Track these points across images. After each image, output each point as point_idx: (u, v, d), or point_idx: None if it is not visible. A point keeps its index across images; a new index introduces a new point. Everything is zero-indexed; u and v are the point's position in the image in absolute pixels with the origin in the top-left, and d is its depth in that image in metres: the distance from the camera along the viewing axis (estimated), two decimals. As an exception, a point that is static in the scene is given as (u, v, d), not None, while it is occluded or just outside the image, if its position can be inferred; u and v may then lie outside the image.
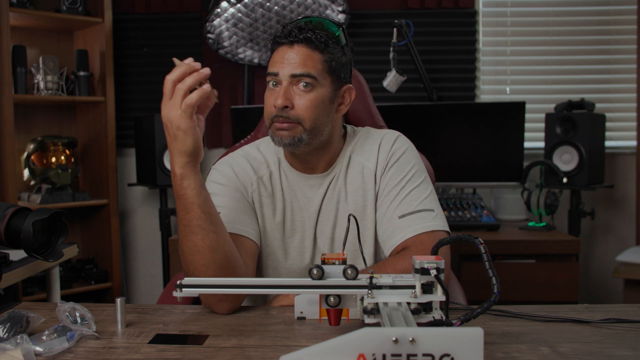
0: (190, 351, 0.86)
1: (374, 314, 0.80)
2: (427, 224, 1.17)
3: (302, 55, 1.16)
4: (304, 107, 1.16)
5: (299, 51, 1.16)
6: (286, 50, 1.16)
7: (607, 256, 2.99)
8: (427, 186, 1.24)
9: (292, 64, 1.15)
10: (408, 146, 1.28)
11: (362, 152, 1.27)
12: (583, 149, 2.59)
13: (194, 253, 1.03)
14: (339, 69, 1.20)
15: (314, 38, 1.16)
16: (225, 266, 1.04)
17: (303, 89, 1.16)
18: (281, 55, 1.17)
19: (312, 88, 1.16)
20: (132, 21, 3.10)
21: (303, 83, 1.15)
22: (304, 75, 1.15)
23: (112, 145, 2.91)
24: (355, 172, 1.26)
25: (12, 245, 0.99)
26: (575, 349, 0.85)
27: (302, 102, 1.16)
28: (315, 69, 1.16)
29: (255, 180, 1.26)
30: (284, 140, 1.17)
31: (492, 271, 0.82)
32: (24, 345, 0.82)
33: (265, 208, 1.25)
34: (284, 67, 1.16)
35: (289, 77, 1.15)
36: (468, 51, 3.03)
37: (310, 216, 1.25)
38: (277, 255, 1.26)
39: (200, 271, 1.03)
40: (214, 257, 1.03)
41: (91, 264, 2.97)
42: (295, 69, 1.15)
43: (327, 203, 1.26)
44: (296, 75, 1.15)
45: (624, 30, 3.01)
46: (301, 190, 1.26)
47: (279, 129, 1.17)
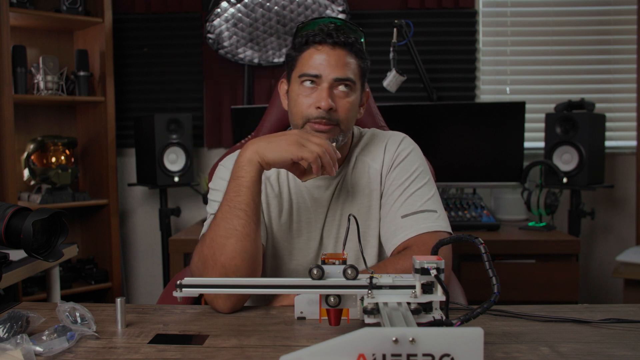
0: (190, 351, 0.86)
1: (374, 314, 0.80)
2: (429, 224, 1.17)
3: (344, 59, 1.17)
4: (344, 110, 1.17)
5: (340, 54, 1.17)
6: (327, 52, 1.16)
7: (607, 256, 2.99)
8: (431, 187, 1.24)
9: (334, 66, 1.16)
10: (413, 147, 1.29)
11: (368, 152, 1.29)
12: (583, 149, 2.59)
13: (230, 237, 1.03)
14: (365, 73, 1.23)
15: (353, 42, 1.18)
16: (252, 259, 1.05)
17: (342, 92, 1.17)
18: (321, 57, 1.16)
19: (349, 92, 1.18)
20: (132, 21, 3.11)
21: (343, 86, 1.17)
22: (346, 79, 1.16)
23: (112, 145, 2.92)
24: (361, 172, 1.27)
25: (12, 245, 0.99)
26: (575, 349, 0.85)
27: (342, 105, 1.17)
28: (353, 73, 1.18)
29: (263, 179, 1.25)
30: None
31: (492, 271, 0.82)
32: (24, 345, 0.82)
33: (272, 208, 1.25)
34: (326, 69, 1.16)
35: (331, 80, 1.16)
36: (468, 51, 3.03)
37: (317, 217, 1.26)
38: (281, 255, 1.26)
39: (229, 257, 1.03)
40: (246, 246, 1.04)
41: (91, 264, 2.97)
42: (338, 72, 1.16)
43: (334, 204, 1.26)
44: (339, 79, 1.16)
45: (624, 30, 3.01)
46: (308, 191, 1.26)
47: (319, 130, 1.17)
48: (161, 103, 3.13)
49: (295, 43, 1.21)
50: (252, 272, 1.07)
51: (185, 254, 2.49)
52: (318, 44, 1.17)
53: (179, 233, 2.78)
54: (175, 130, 2.80)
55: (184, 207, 3.09)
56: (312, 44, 1.18)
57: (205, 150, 3.16)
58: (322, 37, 1.16)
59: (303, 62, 1.18)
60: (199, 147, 3.14)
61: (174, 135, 2.79)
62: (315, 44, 1.17)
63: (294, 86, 1.21)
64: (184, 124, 2.80)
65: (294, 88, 1.21)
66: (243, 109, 2.76)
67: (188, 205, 3.14)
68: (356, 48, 1.19)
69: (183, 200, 3.14)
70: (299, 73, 1.19)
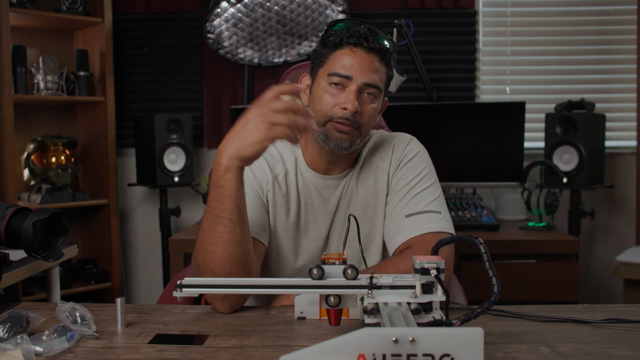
0: (190, 351, 0.86)
1: (374, 314, 0.80)
2: (432, 224, 1.17)
3: (375, 65, 1.16)
4: (368, 115, 1.18)
5: (373, 60, 1.16)
6: (361, 55, 1.15)
7: (607, 256, 2.99)
8: (436, 189, 1.25)
9: (366, 71, 1.15)
10: (420, 149, 1.30)
11: (376, 153, 1.29)
12: (583, 149, 2.59)
13: (217, 244, 1.02)
14: (388, 83, 1.23)
15: (386, 50, 1.17)
16: (242, 263, 1.04)
17: (368, 97, 1.17)
18: (354, 59, 1.15)
19: (374, 98, 1.18)
20: (132, 21, 3.11)
21: (370, 91, 1.17)
22: (375, 86, 1.17)
23: (112, 145, 2.91)
24: (368, 172, 1.27)
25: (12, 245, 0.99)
26: (575, 349, 0.85)
27: (367, 109, 1.17)
28: (381, 80, 1.18)
29: (270, 180, 1.25)
30: (343, 143, 1.17)
31: (492, 271, 0.82)
32: (24, 345, 0.82)
33: (279, 208, 1.25)
34: (358, 72, 1.15)
35: (361, 84, 1.15)
36: (468, 51, 3.03)
37: (325, 217, 1.26)
38: (287, 255, 1.26)
39: (217, 263, 1.03)
40: (234, 252, 1.03)
41: (91, 264, 2.97)
42: (368, 77, 1.15)
43: (342, 203, 1.26)
44: (369, 84, 1.16)
45: (624, 30, 3.01)
46: (317, 191, 1.26)
47: (340, 131, 1.16)
48: (161, 103, 3.13)
49: (329, 41, 1.19)
50: (245, 275, 1.06)
51: (185, 254, 2.49)
52: (353, 46, 1.16)
53: (179, 233, 2.78)
54: (175, 130, 2.79)
55: (184, 207, 3.09)
56: (346, 45, 1.16)
57: (205, 150, 3.16)
58: (359, 39, 1.15)
59: (335, 60, 1.17)
60: (199, 147, 3.14)
61: (174, 135, 2.79)
62: (351, 45, 1.16)
63: (321, 83, 1.19)
64: (184, 124, 2.80)
65: (320, 84, 1.19)
66: (243, 109, 2.74)
67: (188, 205, 3.14)
68: (387, 56, 1.19)
69: (183, 200, 3.14)
70: (329, 71, 1.17)
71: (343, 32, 1.18)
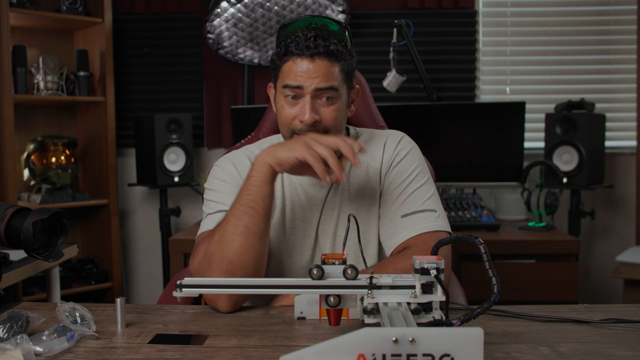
0: (190, 351, 0.86)
1: (374, 314, 0.80)
2: (429, 224, 1.17)
3: (324, 69, 1.14)
4: (331, 118, 1.16)
5: (321, 64, 1.14)
6: (307, 63, 1.14)
7: (607, 256, 2.99)
8: (430, 187, 1.24)
9: (315, 77, 1.14)
10: (412, 146, 1.29)
11: (366, 151, 1.28)
12: (583, 149, 2.59)
13: (240, 233, 1.05)
14: (351, 73, 1.21)
15: (332, 49, 1.15)
16: (258, 256, 1.08)
17: (326, 101, 1.16)
18: (301, 68, 1.14)
19: (334, 99, 1.17)
20: (132, 21, 3.11)
21: (326, 95, 1.15)
22: (328, 89, 1.15)
23: (112, 145, 2.92)
24: (360, 171, 1.26)
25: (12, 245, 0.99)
26: (575, 349, 0.85)
27: (328, 114, 1.16)
28: (336, 80, 1.16)
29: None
30: None
31: (492, 271, 0.82)
32: (24, 345, 0.82)
33: None
34: (307, 80, 1.14)
35: (313, 91, 1.14)
36: (468, 51, 3.03)
37: (312, 215, 1.25)
38: (276, 253, 1.26)
39: (237, 253, 1.05)
40: (255, 244, 1.06)
41: (91, 264, 2.97)
42: (319, 82, 1.14)
43: (330, 201, 1.26)
44: (321, 89, 1.14)
45: (624, 30, 3.01)
46: (303, 189, 1.26)
47: None
48: (161, 103, 3.13)
49: (278, 52, 1.19)
50: (258, 271, 1.08)
51: (185, 254, 2.49)
52: (297, 56, 1.14)
53: (179, 233, 2.78)
54: (175, 130, 2.80)
55: (184, 207, 3.09)
56: (291, 55, 1.15)
57: (205, 150, 3.16)
58: (301, 49, 1.13)
59: (284, 73, 1.17)
60: (199, 147, 3.14)
61: (174, 135, 2.79)
62: (295, 55, 1.15)
63: (279, 96, 1.20)
64: (184, 124, 2.80)
65: (278, 98, 1.20)
66: (243, 109, 2.76)
67: (188, 205, 3.14)
68: (337, 53, 1.15)
69: (183, 200, 3.14)
70: (282, 84, 1.17)
71: (288, 40, 1.16)
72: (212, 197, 1.24)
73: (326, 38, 1.15)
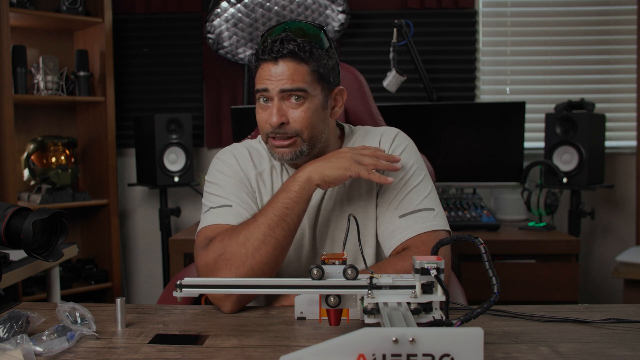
0: (190, 351, 0.86)
1: (374, 314, 0.80)
2: (427, 223, 1.17)
3: (289, 70, 1.13)
4: (300, 120, 1.15)
5: (285, 66, 1.14)
6: (272, 66, 1.14)
7: (607, 256, 2.99)
8: (428, 184, 1.23)
9: (280, 79, 1.13)
10: (408, 143, 1.27)
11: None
12: (583, 149, 2.59)
13: (268, 244, 1.07)
14: (327, 74, 1.19)
15: (297, 50, 1.13)
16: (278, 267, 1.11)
17: (295, 102, 1.15)
18: (267, 72, 1.15)
19: (304, 100, 1.15)
20: (132, 21, 3.11)
21: (294, 97, 1.15)
22: (294, 90, 1.14)
23: (112, 145, 2.92)
24: None
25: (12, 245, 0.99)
26: (575, 349, 0.85)
27: (297, 115, 1.15)
28: (304, 81, 1.14)
29: (256, 174, 1.26)
30: (285, 157, 1.18)
31: (492, 271, 0.82)
32: (24, 345, 0.82)
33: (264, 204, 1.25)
34: (272, 83, 1.14)
35: (278, 93, 1.14)
36: (468, 51, 3.03)
37: (309, 214, 1.25)
38: None
39: (260, 261, 1.07)
40: (278, 258, 1.09)
41: (91, 264, 2.97)
42: (284, 84, 1.13)
43: (327, 201, 1.25)
44: (286, 90, 1.14)
45: (624, 30, 3.01)
46: None
47: (279, 147, 1.17)
48: (161, 103, 3.13)
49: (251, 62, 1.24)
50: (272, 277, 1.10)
51: (185, 254, 2.49)
52: (263, 62, 1.16)
53: (179, 233, 2.78)
54: (175, 130, 2.80)
55: (184, 207, 3.09)
56: (260, 61, 1.17)
57: (205, 150, 3.16)
58: (265, 54, 1.15)
59: (257, 79, 1.19)
60: (199, 147, 3.14)
61: (174, 135, 2.79)
62: (261, 61, 1.17)
63: (256, 103, 1.21)
64: (184, 124, 2.80)
65: (256, 105, 1.22)
66: (243, 109, 2.76)
67: (188, 205, 3.14)
68: (303, 54, 1.13)
69: (183, 200, 3.14)
70: (255, 89, 1.20)
71: (257, 48, 1.19)
72: (215, 190, 1.23)
73: (292, 40, 1.14)
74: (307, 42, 1.15)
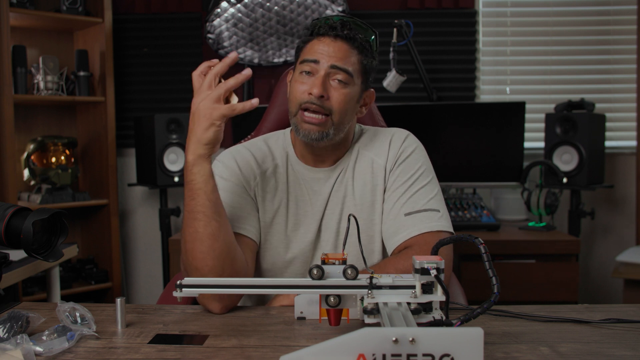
0: (190, 351, 0.86)
1: (374, 314, 0.80)
2: (431, 223, 1.17)
3: (344, 51, 1.18)
4: (338, 100, 1.17)
5: (341, 46, 1.18)
6: (329, 42, 1.18)
7: (607, 256, 2.99)
8: (434, 186, 1.25)
9: (333, 56, 1.17)
10: (417, 145, 1.29)
11: (371, 147, 1.28)
12: (583, 149, 2.59)
13: (195, 240, 1.04)
14: (369, 71, 1.24)
15: (355, 36, 1.19)
16: (224, 256, 1.05)
17: (338, 84, 1.18)
18: (321, 46, 1.18)
19: (345, 85, 1.18)
20: (132, 21, 3.11)
21: (339, 77, 1.17)
22: (343, 70, 1.17)
23: (112, 145, 2.92)
24: (364, 167, 1.27)
25: (12, 245, 0.99)
26: (575, 349, 0.85)
27: (337, 95, 1.17)
28: (352, 66, 1.19)
29: (258, 175, 1.25)
30: (312, 134, 1.18)
31: (492, 271, 0.82)
32: (24, 345, 0.82)
33: (268, 202, 1.25)
34: (325, 56, 1.17)
35: (328, 67, 1.17)
36: (468, 51, 3.03)
37: (316, 210, 1.25)
38: (278, 249, 1.25)
39: (199, 259, 1.04)
40: (213, 245, 1.04)
41: (91, 264, 2.97)
42: (336, 60, 1.17)
43: (334, 196, 1.26)
44: (336, 67, 1.17)
45: (624, 30, 3.01)
46: (307, 184, 1.26)
47: (308, 122, 1.17)
48: (161, 103, 3.13)
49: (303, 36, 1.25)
50: (230, 269, 1.06)
51: (185, 254, 2.49)
52: (321, 36, 1.19)
53: (179, 233, 2.78)
54: (175, 130, 2.80)
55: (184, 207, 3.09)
56: (316, 36, 1.20)
57: (205, 150, 3.16)
58: (326, 29, 1.19)
59: (305, 51, 1.21)
60: (199, 147, 3.13)
61: (174, 135, 2.79)
62: (319, 35, 1.19)
63: (295, 73, 1.23)
64: (184, 124, 2.80)
65: (294, 75, 1.23)
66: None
67: (188, 205, 3.13)
68: (359, 44, 1.20)
69: (183, 200, 3.13)
70: (300, 60, 1.21)
71: (315, 25, 1.22)
72: None
73: (352, 27, 1.20)
74: (362, 36, 1.21)
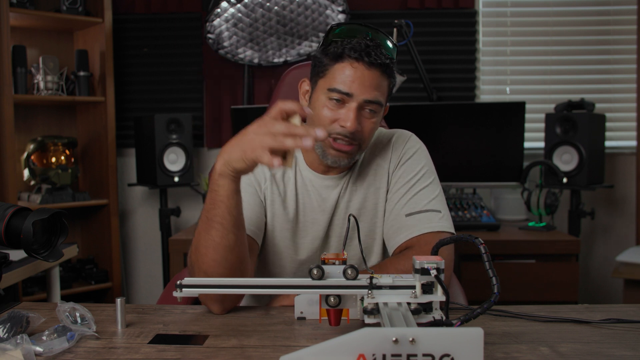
0: (190, 351, 0.86)
1: (374, 314, 0.80)
2: (432, 224, 1.17)
3: (377, 81, 1.12)
4: (368, 131, 1.16)
5: (375, 76, 1.12)
6: (362, 70, 1.11)
7: (607, 256, 2.99)
8: (436, 187, 1.25)
9: (367, 88, 1.11)
10: (420, 146, 1.29)
11: (375, 150, 1.29)
12: (583, 149, 2.59)
13: (209, 247, 1.02)
14: (392, 90, 1.21)
15: (390, 63, 1.13)
16: (234, 267, 1.04)
17: (369, 114, 1.15)
18: (355, 74, 1.11)
19: (375, 114, 1.16)
20: (132, 21, 3.11)
21: (371, 107, 1.14)
22: (376, 102, 1.14)
23: (112, 145, 2.92)
24: (368, 170, 1.27)
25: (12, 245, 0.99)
26: (575, 349, 0.85)
27: (367, 124, 1.16)
28: (383, 96, 1.16)
29: (268, 177, 1.25)
30: (341, 161, 1.18)
31: (492, 271, 0.82)
32: (24, 345, 0.82)
33: (277, 207, 1.25)
34: (358, 89, 1.11)
35: (362, 101, 1.12)
36: (468, 51, 3.03)
37: (323, 217, 1.25)
38: (285, 254, 1.26)
39: (210, 266, 1.02)
40: (227, 256, 1.02)
41: (91, 264, 2.97)
42: (370, 94, 1.12)
43: (341, 202, 1.26)
44: (370, 101, 1.13)
45: (624, 30, 3.01)
46: (316, 191, 1.26)
47: (338, 149, 1.16)
48: (161, 103, 3.13)
49: (329, 50, 1.14)
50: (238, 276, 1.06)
51: (185, 254, 2.49)
52: (355, 60, 1.11)
53: (179, 233, 2.78)
54: (175, 130, 2.80)
55: (184, 207, 3.09)
56: (347, 58, 1.11)
57: (205, 150, 3.16)
58: (360, 54, 1.10)
59: (335, 74, 1.13)
60: (199, 147, 3.14)
61: (174, 135, 2.79)
62: (352, 59, 1.11)
63: (320, 96, 1.16)
64: (184, 124, 2.80)
65: (319, 97, 1.16)
66: (243, 109, 2.76)
67: (188, 205, 3.13)
68: (390, 69, 1.14)
69: (183, 200, 3.14)
70: (329, 86, 1.13)
71: (344, 42, 1.12)
72: None
73: (383, 51, 1.13)
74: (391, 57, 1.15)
